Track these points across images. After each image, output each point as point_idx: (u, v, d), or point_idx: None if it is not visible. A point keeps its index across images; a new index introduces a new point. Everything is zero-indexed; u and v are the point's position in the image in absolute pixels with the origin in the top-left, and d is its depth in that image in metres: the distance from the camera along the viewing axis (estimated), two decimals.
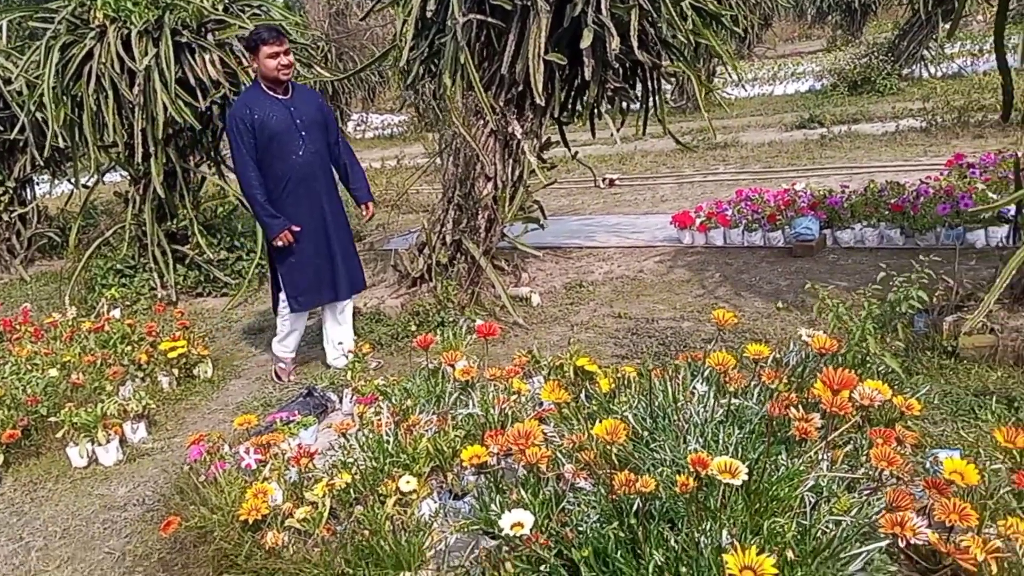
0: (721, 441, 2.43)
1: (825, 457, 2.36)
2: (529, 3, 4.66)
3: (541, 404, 3.03)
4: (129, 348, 4.65)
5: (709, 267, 5.77)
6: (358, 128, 21.37)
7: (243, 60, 6.26)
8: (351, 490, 2.70)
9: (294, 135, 4.22)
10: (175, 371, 4.70)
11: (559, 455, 2.54)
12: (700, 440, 2.45)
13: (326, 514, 2.60)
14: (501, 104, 5.15)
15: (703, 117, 5.99)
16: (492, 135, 5.20)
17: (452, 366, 3.28)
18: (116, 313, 5.44)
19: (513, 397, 2.99)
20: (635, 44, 4.56)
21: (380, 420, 3.03)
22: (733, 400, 2.69)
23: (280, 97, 4.23)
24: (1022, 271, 3.65)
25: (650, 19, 4.85)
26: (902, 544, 1.99)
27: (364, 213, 4.69)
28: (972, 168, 6.29)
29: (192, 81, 6.05)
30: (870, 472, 2.28)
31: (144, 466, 3.75)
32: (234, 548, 2.58)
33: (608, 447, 2.33)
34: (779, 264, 5.61)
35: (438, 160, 6.01)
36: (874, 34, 18.47)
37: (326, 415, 3.94)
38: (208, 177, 7.08)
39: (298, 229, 4.25)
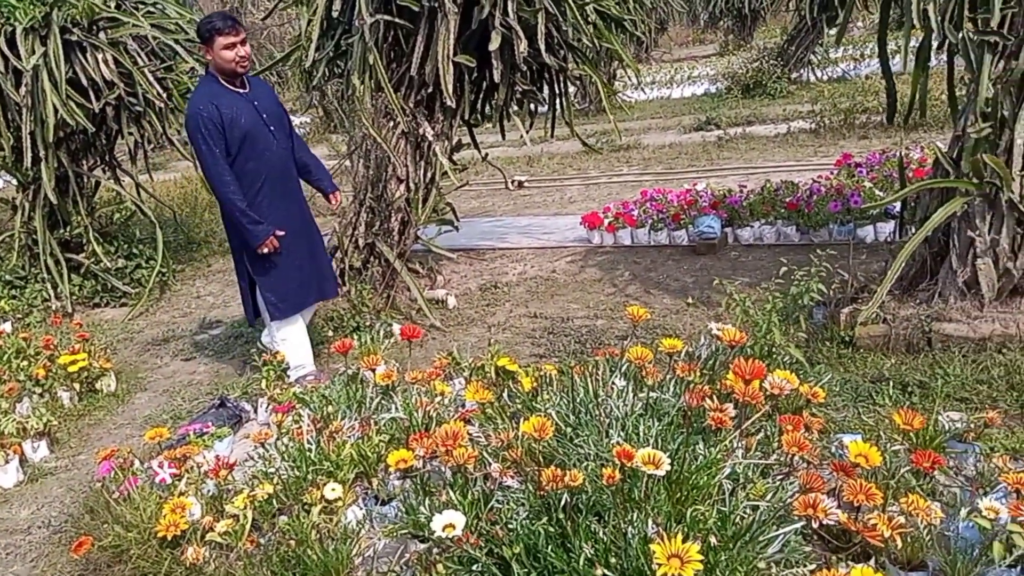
0: (642, 434, 2.50)
1: (740, 445, 2.47)
2: (436, 4, 4.66)
3: (464, 405, 3.05)
4: (25, 363, 4.42)
5: (619, 266, 5.91)
6: None
7: (139, 60, 6.03)
8: (274, 500, 2.66)
9: (263, 131, 3.95)
10: (76, 386, 4.49)
11: (485, 455, 2.56)
12: (622, 433, 2.51)
13: (248, 526, 2.55)
14: (411, 106, 5.13)
15: (606, 119, 6.14)
16: (403, 137, 5.18)
17: (372, 370, 3.26)
18: (7, 327, 5.15)
19: (436, 399, 3.00)
20: (542, 47, 4.63)
21: (301, 428, 2.98)
22: (651, 393, 2.77)
23: (240, 91, 3.95)
24: (910, 264, 3.90)
25: (556, 23, 4.93)
26: (815, 525, 2.10)
27: (333, 203, 4.50)
28: (859, 167, 6.64)
29: (84, 81, 5.78)
30: (782, 458, 2.40)
31: (48, 486, 3.58)
32: (152, 566, 2.50)
33: (534, 444, 2.37)
34: (684, 262, 5.79)
35: (347, 162, 5.93)
36: (764, 39, 19.19)
37: (240, 426, 3.84)
38: (103, 181, 6.78)
39: (282, 234, 3.96)
